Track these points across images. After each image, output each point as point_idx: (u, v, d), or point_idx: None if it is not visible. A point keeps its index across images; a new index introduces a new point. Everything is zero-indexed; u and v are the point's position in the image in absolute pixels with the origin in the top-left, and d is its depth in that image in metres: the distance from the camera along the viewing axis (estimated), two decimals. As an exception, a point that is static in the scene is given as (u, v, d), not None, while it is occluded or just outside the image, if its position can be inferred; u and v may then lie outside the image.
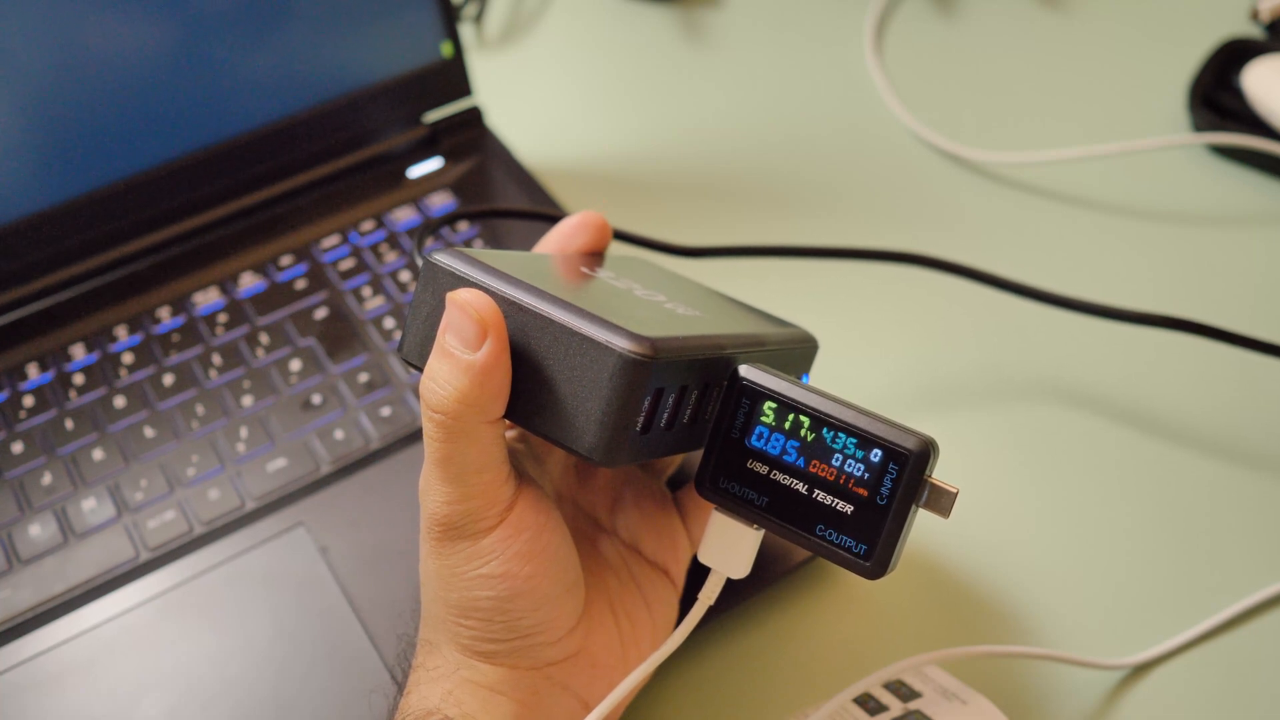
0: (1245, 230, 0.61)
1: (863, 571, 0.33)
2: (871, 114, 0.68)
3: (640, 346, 0.31)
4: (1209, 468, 0.51)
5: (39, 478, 0.50)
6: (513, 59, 0.73)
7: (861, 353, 0.55)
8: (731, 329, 0.37)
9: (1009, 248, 0.60)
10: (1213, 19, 0.71)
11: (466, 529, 0.34)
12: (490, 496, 0.34)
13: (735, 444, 0.34)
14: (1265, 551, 0.48)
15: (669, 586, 0.40)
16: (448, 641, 0.36)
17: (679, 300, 0.39)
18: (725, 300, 0.43)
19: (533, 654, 0.36)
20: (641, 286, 0.39)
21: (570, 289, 0.34)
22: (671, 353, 0.32)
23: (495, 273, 0.33)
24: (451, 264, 0.33)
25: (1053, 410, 0.54)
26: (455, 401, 0.32)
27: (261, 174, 0.59)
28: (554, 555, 0.35)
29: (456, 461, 0.33)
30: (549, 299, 0.32)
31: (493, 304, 0.32)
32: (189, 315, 0.56)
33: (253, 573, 0.47)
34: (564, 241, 0.41)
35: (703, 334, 0.34)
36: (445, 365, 0.32)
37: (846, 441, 0.33)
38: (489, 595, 0.34)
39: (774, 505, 0.34)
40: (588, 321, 0.31)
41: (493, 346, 0.31)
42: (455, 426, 0.32)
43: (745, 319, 0.41)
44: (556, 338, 0.31)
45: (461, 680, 0.36)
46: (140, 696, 0.44)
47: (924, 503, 0.32)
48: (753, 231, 0.61)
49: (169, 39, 0.54)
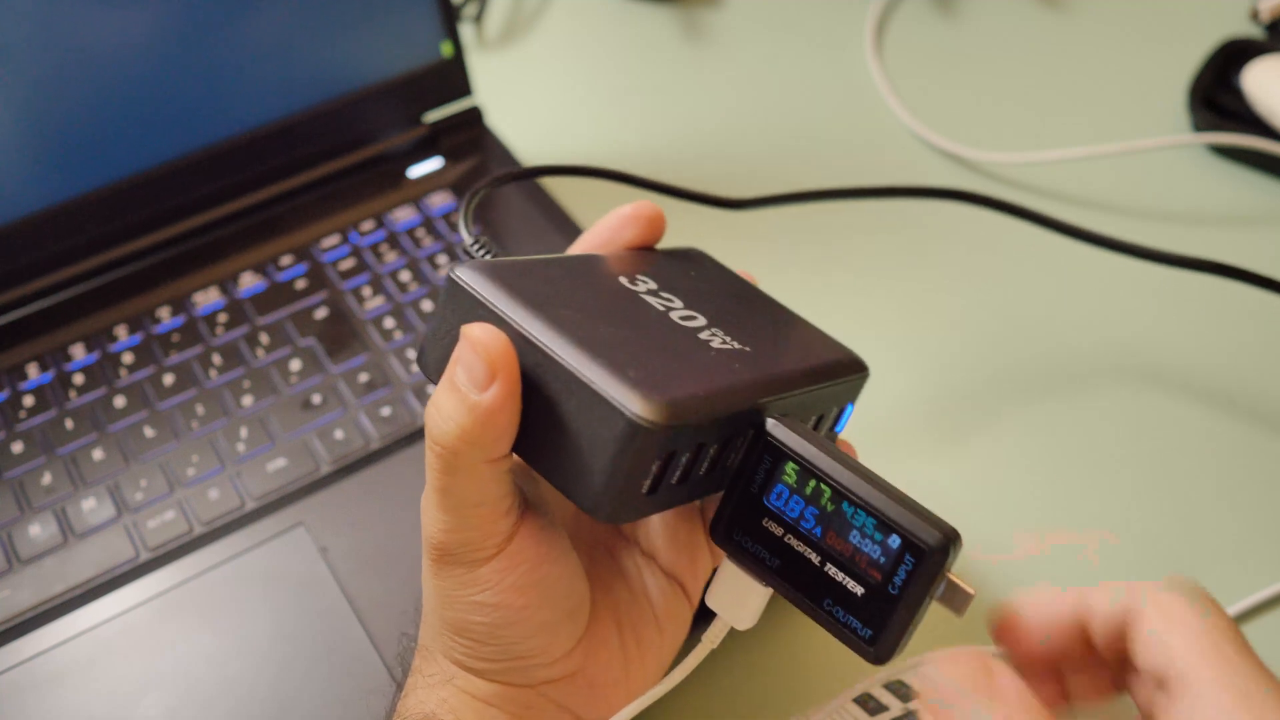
0: (1245, 230, 0.61)
1: (866, 655, 0.31)
2: (872, 114, 0.68)
3: (651, 412, 0.28)
4: (1208, 469, 0.51)
5: (39, 478, 0.50)
6: (513, 59, 0.73)
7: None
8: (769, 368, 0.35)
9: (1009, 247, 0.60)
10: (1213, 19, 0.71)
11: (462, 557, 0.33)
12: (487, 529, 0.33)
13: (753, 500, 0.32)
14: (1266, 551, 0.48)
15: (683, 600, 0.39)
16: (442, 652, 0.36)
17: (720, 322, 0.36)
18: (773, 312, 0.40)
19: (526, 674, 0.35)
20: (683, 303, 0.36)
21: (596, 319, 0.32)
22: (688, 414, 0.29)
23: (516, 298, 0.31)
24: (472, 285, 0.31)
25: (1054, 406, 0.54)
26: (456, 438, 0.31)
27: (261, 174, 0.59)
28: (552, 586, 0.34)
29: (454, 494, 0.32)
30: (565, 338, 0.30)
31: (506, 344, 0.30)
32: (189, 315, 0.56)
33: (253, 573, 0.47)
34: (613, 233, 0.39)
35: (731, 384, 0.32)
36: (451, 400, 0.31)
37: (866, 521, 0.31)
38: (482, 621, 0.34)
39: (785, 570, 0.32)
40: (601, 372, 0.29)
41: (500, 390, 0.30)
42: (455, 462, 0.31)
43: (790, 344, 0.38)
44: (567, 384, 0.30)
45: (456, 690, 0.36)
46: (140, 696, 0.44)
47: (938, 597, 0.31)
48: (753, 231, 0.61)
49: (169, 38, 0.54)
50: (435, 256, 0.58)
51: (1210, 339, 0.56)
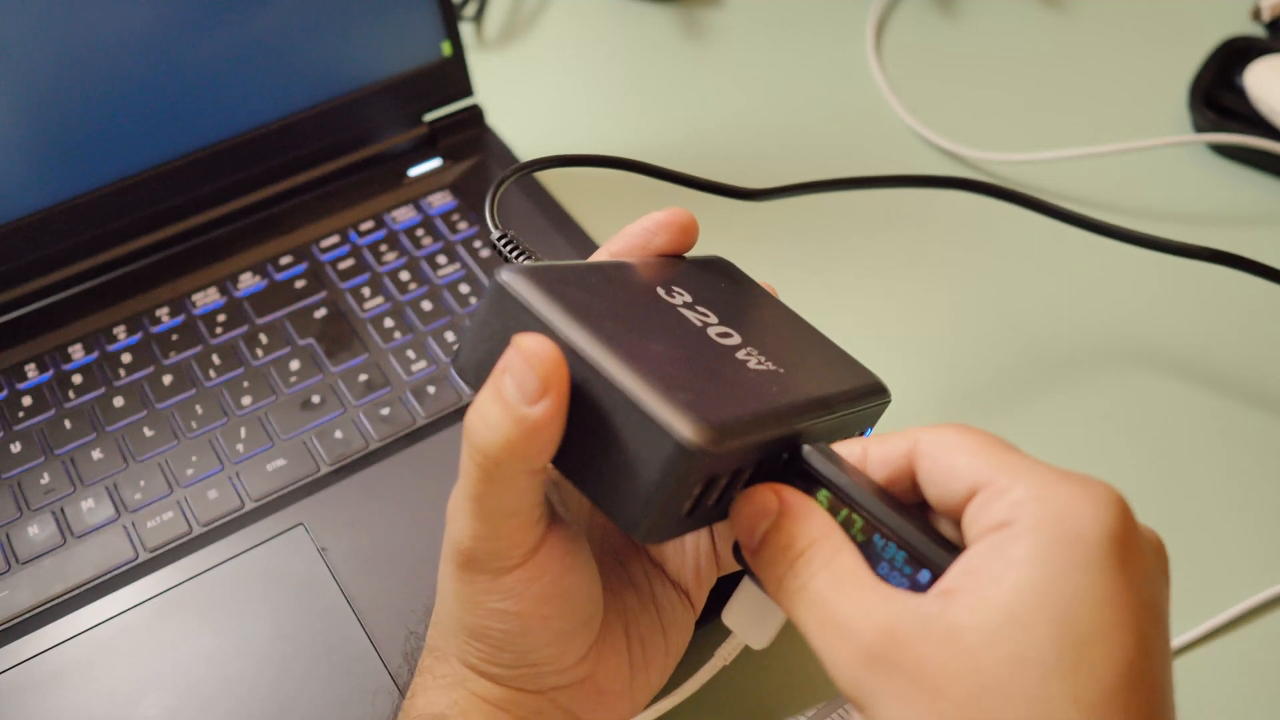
0: (1246, 230, 0.61)
1: None
2: (872, 114, 0.68)
3: (701, 437, 0.28)
4: (1210, 470, 0.51)
5: (38, 478, 0.50)
6: (512, 58, 0.73)
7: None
8: (803, 392, 0.35)
9: (1010, 247, 0.60)
10: (1214, 18, 0.71)
11: (488, 565, 0.33)
12: (517, 539, 0.32)
13: None
14: (1265, 552, 0.48)
15: (688, 610, 0.39)
16: (455, 655, 0.36)
17: (754, 340, 0.36)
18: (799, 329, 0.40)
19: (538, 680, 0.35)
20: (718, 319, 0.36)
21: (641, 334, 0.32)
22: (735, 439, 0.29)
23: (564, 309, 0.31)
24: (521, 293, 0.31)
25: (1060, 396, 0.53)
26: (500, 449, 0.30)
27: (261, 174, 0.59)
28: (574, 596, 0.34)
29: (489, 503, 0.31)
30: (616, 355, 0.30)
31: (559, 359, 0.30)
32: (188, 315, 0.56)
33: (252, 573, 0.47)
34: (646, 237, 0.38)
35: (772, 409, 0.32)
36: (497, 410, 0.30)
37: (896, 554, 0.31)
38: (501, 627, 0.34)
39: None
40: (651, 393, 0.29)
41: (550, 405, 0.29)
42: (495, 472, 0.31)
43: (818, 367, 0.38)
44: (616, 403, 0.29)
45: (468, 693, 0.36)
46: (140, 696, 0.44)
47: None
48: (753, 230, 0.61)
49: (168, 38, 0.54)
50: (435, 256, 0.58)
51: (1213, 328, 0.56)
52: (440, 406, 0.52)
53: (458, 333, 0.55)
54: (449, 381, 0.53)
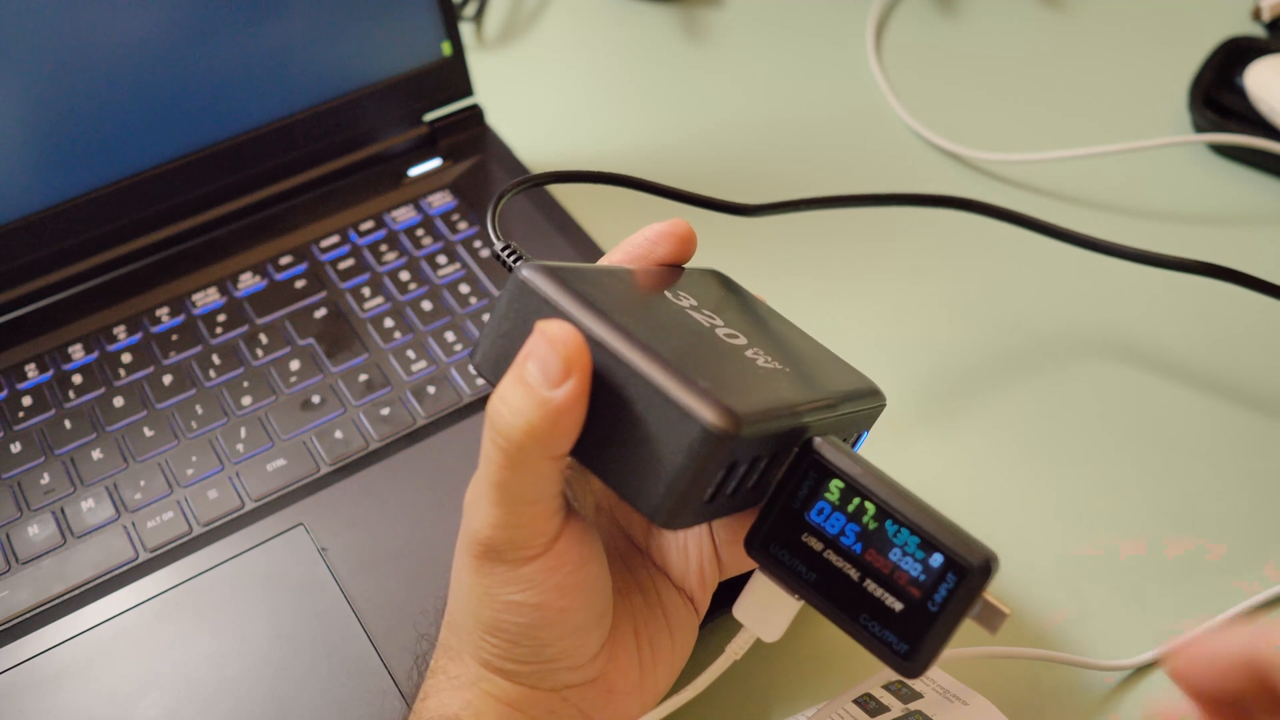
0: (1247, 230, 0.61)
1: (900, 669, 0.32)
2: (872, 114, 0.68)
3: (725, 421, 0.29)
4: (1204, 475, 0.51)
5: (37, 478, 0.50)
6: (512, 59, 0.73)
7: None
8: (810, 389, 0.36)
9: (1003, 256, 0.60)
10: (1214, 18, 0.71)
11: (507, 555, 0.33)
12: (538, 527, 0.33)
13: (794, 514, 0.33)
14: (1263, 553, 0.48)
15: (691, 613, 0.40)
16: (470, 653, 0.36)
17: (758, 342, 0.37)
18: (796, 336, 0.41)
19: (553, 678, 0.35)
20: (723, 321, 0.37)
21: (657, 328, 0.32)
22: (755, 426, 0.30)
23: (586, 304, 0.31)
24: (543, 288, 0.32)
25: (1054, 404, 0.53)
26: (523, 433, 0.30)
27: (261, 173, 0.59)
28: (591, 587, 0.34)
29: (511, 489, 0.32)
30: (638, 344, 0.30)
31: (582, 343, 0.30)
32: (188, 315, 0.56)
33: (252, 573, 0.47)
34: (647, 247, 0.39)
35: (786, 401, 0.33)
36: (520, 393, 0.30)
37: (909, 539, 0.32)
38: (519, 620, 0.34)
39: (821, 584, 0.33)
40: (675, 380, 0.30)
41: (574, 387, 0.30)
42: (518, 456, 0.31)
43: (819, 367, 0.39)
44: (639, 391, 0.30)
45: (482, 693, 0.36)
46: (140, 696, 0.44)
47: (974, 616, 0.32)
48: (753, 230, 0.60)
49: (168, 38, 0.54)
50: (435, 256, 0.58)
51: (1207, 336, 0.56)
52: (440, 406, 0.52)
53: (458, 333, 0.55)
54: (449, 381, 0.53)
